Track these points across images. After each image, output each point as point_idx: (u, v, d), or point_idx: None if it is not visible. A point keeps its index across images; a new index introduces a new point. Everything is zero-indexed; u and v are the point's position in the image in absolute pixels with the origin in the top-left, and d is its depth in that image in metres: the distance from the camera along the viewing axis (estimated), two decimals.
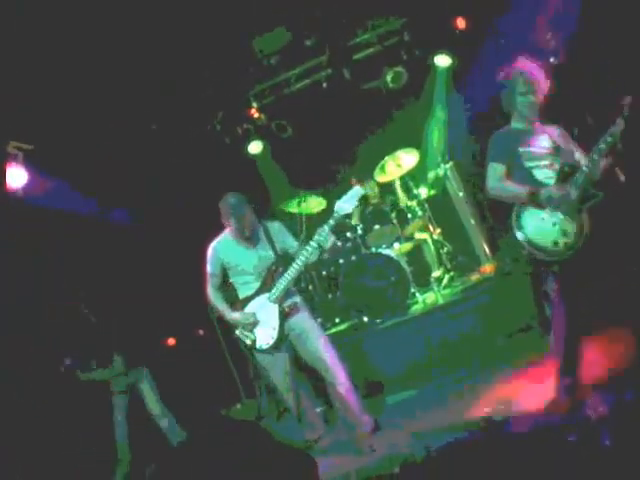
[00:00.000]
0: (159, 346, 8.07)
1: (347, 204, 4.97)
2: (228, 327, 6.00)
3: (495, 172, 4.34)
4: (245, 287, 5.22)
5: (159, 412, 6.49)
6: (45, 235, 6.75)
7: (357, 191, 5.04)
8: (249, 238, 5.18)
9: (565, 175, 4.16)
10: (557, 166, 4.22)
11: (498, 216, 5.79)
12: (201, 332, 8.33)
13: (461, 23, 7.95)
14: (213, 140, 8.88)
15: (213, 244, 5.31)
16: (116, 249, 7.61)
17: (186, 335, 8.42)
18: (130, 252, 7.81)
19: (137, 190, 7.92)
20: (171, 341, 8.25)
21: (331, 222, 4.96)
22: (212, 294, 5.32)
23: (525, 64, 4.40)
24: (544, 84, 4.37)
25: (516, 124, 4.47)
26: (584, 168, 4.09)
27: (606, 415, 3.52)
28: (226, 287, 5.37)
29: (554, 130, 4.47)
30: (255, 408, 7.40)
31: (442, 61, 8.47)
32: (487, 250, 8.11)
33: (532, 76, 4.33)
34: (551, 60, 6.26)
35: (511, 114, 4.49)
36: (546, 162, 4.27)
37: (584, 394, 3.94)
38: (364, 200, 7.84)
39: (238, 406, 8.24)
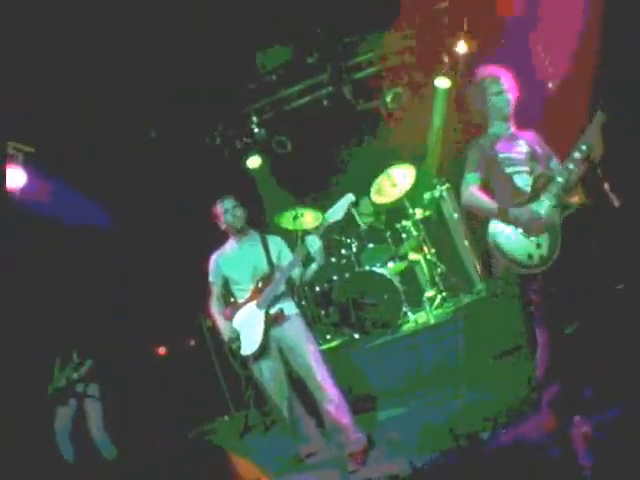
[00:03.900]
0: (149, 355, 8.08)
1: (337, 211, 4.98)
2: (219, 338, 6.01)
3: (469, 183, 4.32)
4: (242, 296, 5.27)
5: (101, 424, 6.45)
6: (37, 237, 6.76)
7: (348, 198, 5.03)
8: (244, 241, 5.28)
9: (539, 186, 4.16)
10: (536, 174, 4.21)
11: None
12: (192, 342, 8.33)
13: (461, 47, 8.04)
14: (212, 153, 8.93)
15: (214, 255, 5.41)
16: (109, 256, 7.63)
17: (177, 345, 8.42)
18: (124, 260, 7.84)
19: (133, 198, 7.94)
20: (162, 350, 8.25)
21: (319, 229, 4.99)
22: (213, 302, 5.40)
23: (493, 69, 4.41)
24: (514, 87, 4.36)
25: (493, 129, 4.45)
26: (559, 179, 4.08)
27: (590, 435, 3.54)
28: (228, 296, 5.44)
29: (530, 135, 4.47)
30: (242, 420, 7.37)
31: (442, 83, 8.58)
32: (480, 272, 8.14)
33: (503, 78, 4.35)
34: (549, 85, 6.32)
35: (486, 122, 4.47)
36: (526, 168, 4.26)
37: (569, 410, 3.94)
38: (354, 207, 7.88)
39: (226, 418, 8.23)
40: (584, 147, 4.05)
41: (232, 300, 5.42)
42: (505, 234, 4.19)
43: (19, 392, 6.28)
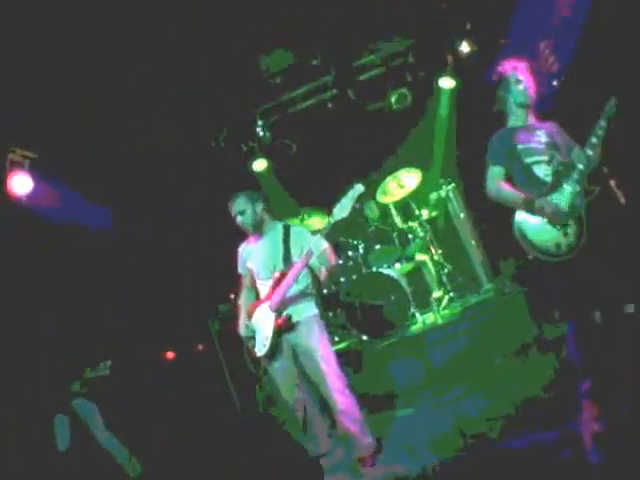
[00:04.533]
0: (157, 359, 8.08)
1: (345, 206, 4.76)
2: (227, 342, 6.01)
3: (493, 174, 4.40)
4: (265, 291, 5.12)
5: (102, 424, 6.29)
6: (45, 242, 6.76)
7: (357, 189, 4.78)
8: (260, 237, 5.17)
9: (560, 175, 4.19)
10: (555, 163, 4.25)
11: (499, 238, 5.86)
12: (200, 347, 8.33)
13: (465, 47, 8.04)
14: (217, 156, 8.93)
15: (240, 248, 5.34)
16: (116, 260, 7.64)
17: (185, 350, 8.42)
18: (130, 265, 7.85)
19: (140, 201, 7.94)
20: (170, 355, 8.25)
21: (324, 230, 4.88)
22: (243, 293, 5.35)
23: (513, 61, 4.53)
24: (533, 79, 4.48)
25: (513, 122, 4.53)
26: (580, 166, 4.12)
27: (599, 432, 3.52)
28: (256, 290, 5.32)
29: (551, 126, 4.51)
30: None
31: (446, 83, 8.59)
32: (488, 271, 8.13)
33: (521, 70, 4.47)
34: (554, 83, 6.32)
35: (507, 113, 4.57)
36: (545, 158, 4.29)
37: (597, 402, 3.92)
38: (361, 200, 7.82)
39: None
40: (600, 132, 4.09)
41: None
42: (531, 224, 4.21)
43: (21, 392, 6.27)
